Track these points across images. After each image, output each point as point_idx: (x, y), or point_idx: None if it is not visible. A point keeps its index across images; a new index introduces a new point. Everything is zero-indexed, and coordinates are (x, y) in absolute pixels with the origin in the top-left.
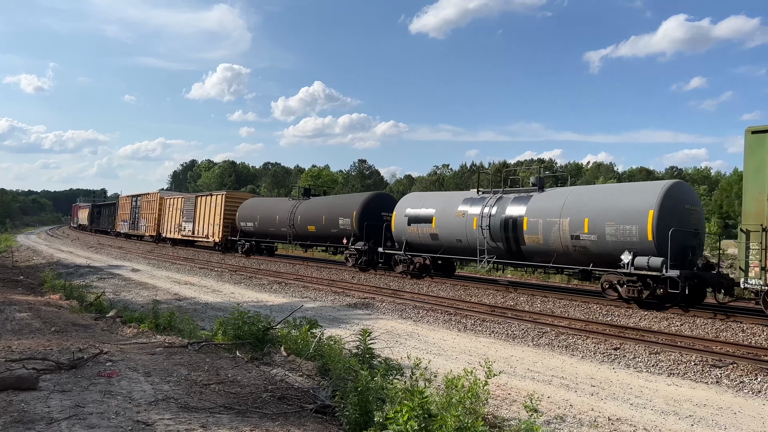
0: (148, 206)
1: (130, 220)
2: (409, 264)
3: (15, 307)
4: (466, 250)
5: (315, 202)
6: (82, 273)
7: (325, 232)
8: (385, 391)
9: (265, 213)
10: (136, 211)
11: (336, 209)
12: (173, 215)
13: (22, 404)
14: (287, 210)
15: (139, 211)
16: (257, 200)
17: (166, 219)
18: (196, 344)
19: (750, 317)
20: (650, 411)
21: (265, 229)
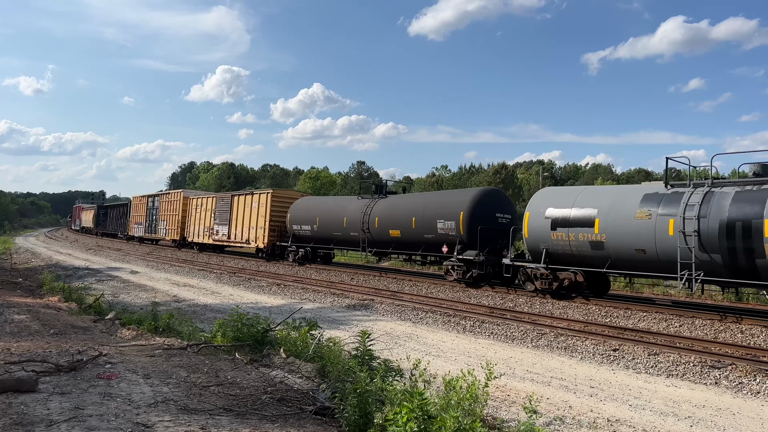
0: (169, 207)
1: (145, 222)
2: (552, 281)
3: (14, 310)
4: (652, 264)
5: (399, 200)
6: (80, 275)
7: (416, 237)
8: (384, 393)
9: (327, 214)
10: (153, 212)
11: (432, 209)
12: (202, 217)
13: (21, 406)
14: (358, 210)
15: (157, 212)
16: (314, 199)
17: (193, 221)
18: (195, 346)
19: (750, 318)
20: (649, 412)
21: (326, 233)
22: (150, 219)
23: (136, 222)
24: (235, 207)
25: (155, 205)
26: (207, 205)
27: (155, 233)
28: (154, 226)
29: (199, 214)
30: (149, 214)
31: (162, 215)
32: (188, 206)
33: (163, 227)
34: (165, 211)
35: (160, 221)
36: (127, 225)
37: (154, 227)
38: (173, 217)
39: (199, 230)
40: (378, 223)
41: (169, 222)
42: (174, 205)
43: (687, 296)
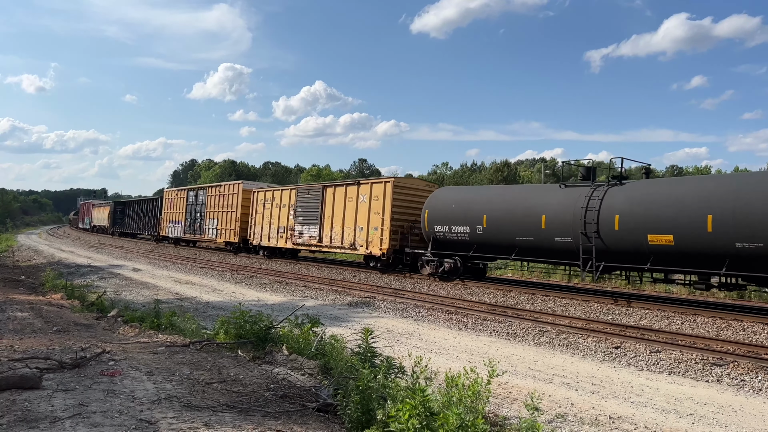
0: (221, 202)
1: (185, 220)
2: None
3: (17, 307)
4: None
5: (661, 188)
6: (83, 273)
7: (713, 246)
8: (386, 390)
9: (507, 211)
10: (195, 209)
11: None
12: (274, 214)
13: (25, 403)
14: (571, 204)
15: (202, 209)
16: (471, 191)
17: (259, 220)
18: (198, 343)
19: (750, 315)
20: (651, 409)
21: (503, 238)
22: (192, 217)
23: (171, 221)
24: (329, 201)
25: (199, 200)
26: (281, 200)
27: (200, 234)
28: (198, 225)
29: (268, 211)
30: (190, 211)
31: (210, 212)
32: (254, 201)
33: (212, 227)
34: (215, 207)
35: (207, 219)
36: (156, 224)
37: (197, 226)
38: (228, 214)
39: (268, 231)
40: (620, 224)
41: (222, 220)
42: (230, 199)
43: (689, 294)
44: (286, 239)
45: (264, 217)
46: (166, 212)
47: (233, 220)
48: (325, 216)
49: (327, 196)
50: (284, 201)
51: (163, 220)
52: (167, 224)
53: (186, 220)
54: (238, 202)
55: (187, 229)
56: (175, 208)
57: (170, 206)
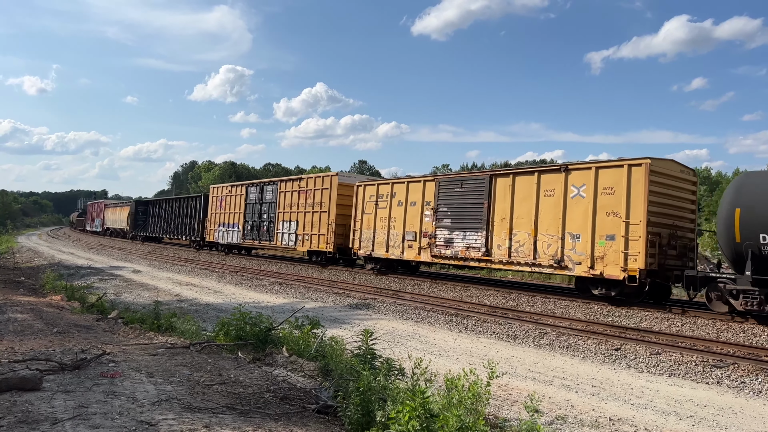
0: (304, 200)
1: (244, 223)
2: None
3: (17, 308)
4: None
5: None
6: (83, 274)
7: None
8: (386, 392)
9: None
10: (261, 208)
11: None
12: (395, 215)
13: (26, 404)
14: None
15: (273, 208)
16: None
17: (369, 222)
18: (198, 345)
19: (750, 318)
20: (651, 411)
21: None
22: (254, 218)
23: (220, 223)
24: (503, 196)
25: (266, 197)
26: (408, 195)
27: (268, 239)
28: (266, 229)
29: (383, 211)
30: (251, 211)
31: (285, 212)
32: (356, 198)
33: (287, 231)
34: (292, 206)
35: (280, 222)
36: (197, 227)
37: (263, 231)
38: (315, 215)
39: (385, 237)
40: None
41: (305, 223)
42: (317, 196)
43: None
44: (420, 249)
45: (377, 219)
46: (213, 213)
47: (324, 224)
48: (496, 217)
49: (498, 189)
50: (413, 197)
51: (210, 223)
52: (215, 227)
53: (245, 223)
54: (331, 199)
55: (247, 233)
56: (227, 207)
57: (220, 205)
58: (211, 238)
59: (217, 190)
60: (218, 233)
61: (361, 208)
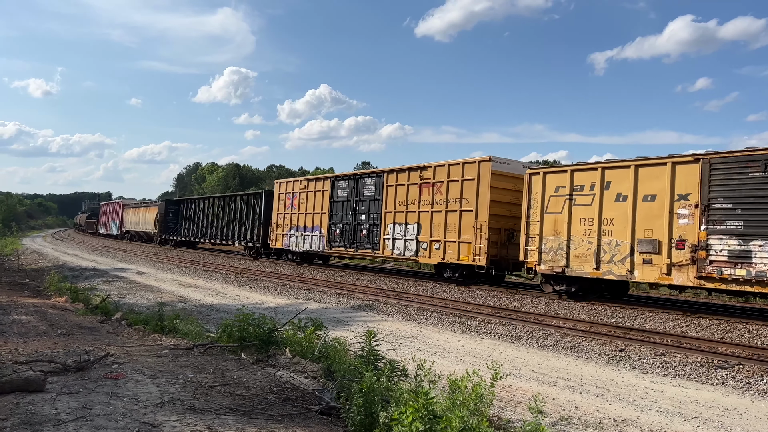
0: (429, 194)
1: (330, 226)
2: None
3: (21, 310)
4: None
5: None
6: (87, 276)
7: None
8: (390, 393)
9: None
10: (355, 206)
11: None
12: (616, 216)
13: (29, 406)
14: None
15: (378, 206)
16: None
17: (558, 226)
18: (201, 346)
19: (755, 318)
20: (656, 412)
21: None
22: (347, 220)
23: (291, 226)
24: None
25: (364, 193)
26: (637, 185)
27: (372, 247)
28: (367, 233)
29: (582, 210)
30: (343, 210)
31: (398, 212)
32: (530, 190)
33: (403, 236)
34: (411, 205)
35: (391, 224)
36: (256, 230)
37: (364, 236)
38: (451, 216)
39: (595, 247)
40: None
41: (433, 226)
42: (454, 189)
43: (693, 296)
44: (670, 267)
45: (572, 220)
46: (280, 213)
47: (467, 227)
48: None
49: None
50: (648, 187)
51: (276, 226)
52: (284, 231)
53: (331, 226)
54: (480, 193)
55: (335, 239)
56: (301, 206)
57: (290, 204)
58: (278, 244)
59: (286, 185)
60: (289, 238)
61: (539, 205)
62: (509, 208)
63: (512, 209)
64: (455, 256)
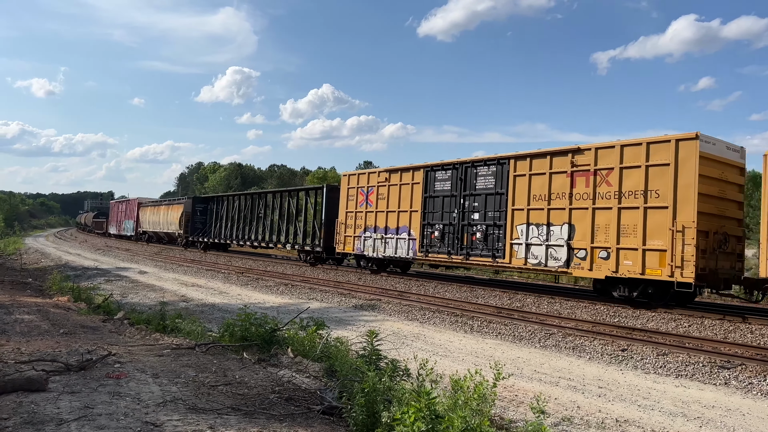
0: (587, 186)
1: (424, 227)
2: None
3: (23, 309)
4: None
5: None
6: (89, 275)
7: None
8: (392, 393)
9: None
10: (463, 202)
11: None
12: None
13: (31, 405)
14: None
15: (499, 202)
16: None
17: None
18: (203, 346)
19: (758, 317)
20: (658, 412)
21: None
22: (451, 219)
23: (365, 226)
24: None
25: (476, 186)
26: None
27: (493, 254)
28: (484, 237)
29: None
30: (443, 207)
31: (535, 210)
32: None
33: (544, 240)
34: (557, 199)
35: (523, 226)
36: (317, 232)
37: (479, 240)
38: (627, 214)
39: None
40: None
41: (597, 228)
42: (633, 178)
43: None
44: None
45: None
46: (350, 212)
47: (659, 229)
48: None
49: None
50: None
51: (345, 226)
52: (354, 233)
53: (425, 227)
54: (679, 184)
55: (432, 242)
56: (381, 203)
57: (364, 201)
58: (348, 248)
59: (358, 178)
60: (363, 242)
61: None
62: (718, 205)
63: (721, 206)
64: (637, 269)
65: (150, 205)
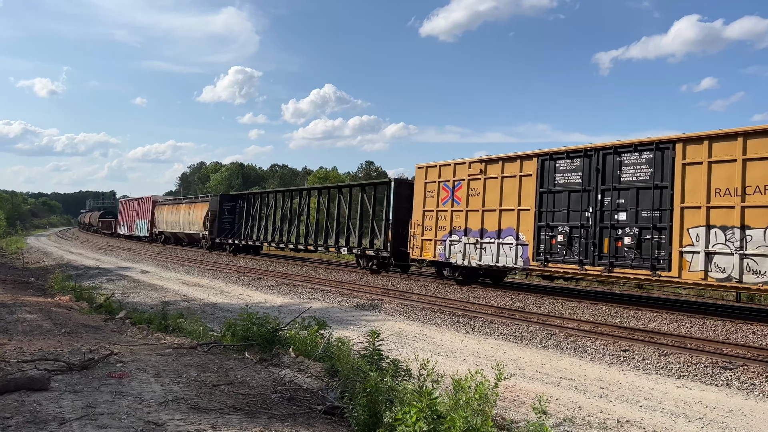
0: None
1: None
2: None
3: (26, 309)
4: None
5: None
6: (91, 275)
7: None
8: (393, 393)
9: None
10: (599, 199)
11: None
12: None
13: (34, 404)
14: None
15: (661, 196)
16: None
17: None
18: (205, 345)
19: (760, 318)
20: (660, 413)
21: None
22: (580, 219)
23: (452, 228)
24: None
25: (625, 175)
26: None
27: (648, 265)
28: (634, 242)
29: None
30: (568, 204)
31: (714, 206)
32: None
33: (729, 246)
34: (744, 194)
35: (694, 229)
36: (377, 234)
37: (626, 246)
38: None
39: None
40: None
41: None
42: None
43: (698, 297)
44: None
45: None
46: (427, 211)
47: None
48: None
49: None
50: None
51: (418, 228)
52: (435, 236)
53: (542, 229)
54: None
55: (552, 249)
56: (474, 200)
57: (447, 197)
58: (426, 253)
59: (440, 171)
60: (447, 247)
61: None
62: None
63: None
64: None
65: (167, 203)
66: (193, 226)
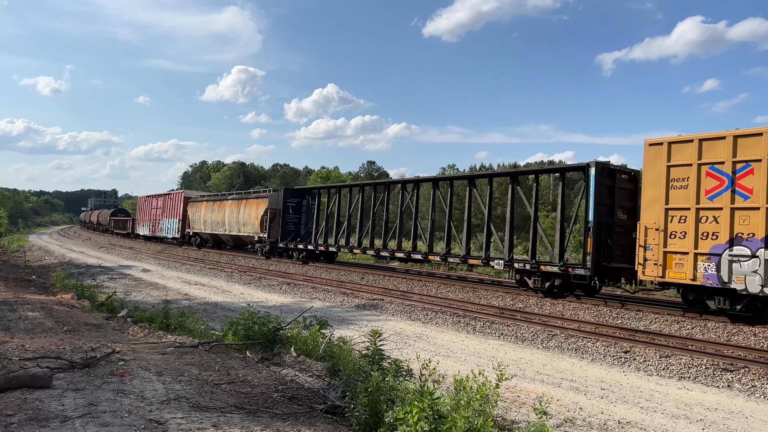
0: None
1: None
2: None
3: (27, 307)
4: None
5: None
6: (93, 273)
7: None
8: (395, 392)
9: None
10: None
11: None
12: None
13: (36, 402)
14: None
15: None
16: None
17: None
18: (206, 344)
19: (761, 322)
20: (661, 414)
21: None
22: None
23: (733, 233)
24: None
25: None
26: None
27: None
28: None
29: None
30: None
31: None
32: None
33: None
34: None
35: None
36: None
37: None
38: None
39: None
40: None
41: None
42: None
43: None
44: None
45: None
46: (671, 209)
47: None
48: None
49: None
50: None
51: (660, 236)
52: (690, 246)
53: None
54: None
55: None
56: None
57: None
58: (675, 273)
59: (700, 149)
60: (728, 265)
61: None
62: None
63: None
64: None
65: (206, 200)
66: (245, 227)
